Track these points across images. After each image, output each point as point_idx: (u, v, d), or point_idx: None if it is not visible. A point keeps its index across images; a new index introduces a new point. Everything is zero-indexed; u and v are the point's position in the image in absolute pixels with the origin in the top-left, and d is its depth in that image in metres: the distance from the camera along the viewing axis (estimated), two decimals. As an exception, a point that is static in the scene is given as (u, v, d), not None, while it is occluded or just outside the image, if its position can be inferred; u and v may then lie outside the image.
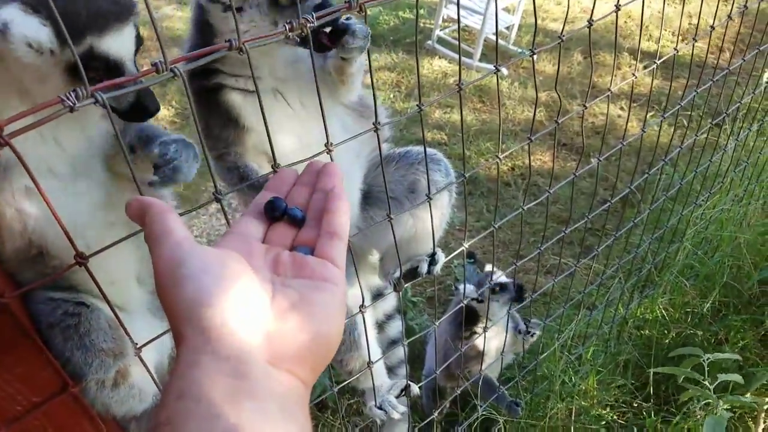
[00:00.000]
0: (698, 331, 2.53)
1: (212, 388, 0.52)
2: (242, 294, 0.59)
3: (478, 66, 5.32)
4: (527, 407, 2.36)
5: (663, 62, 1.67)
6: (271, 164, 0.93)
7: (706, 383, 1.83)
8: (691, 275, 2.79)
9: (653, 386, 2.35)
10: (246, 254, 0.66)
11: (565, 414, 2.30)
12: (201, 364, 0.54)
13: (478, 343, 2.11)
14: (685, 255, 2.78)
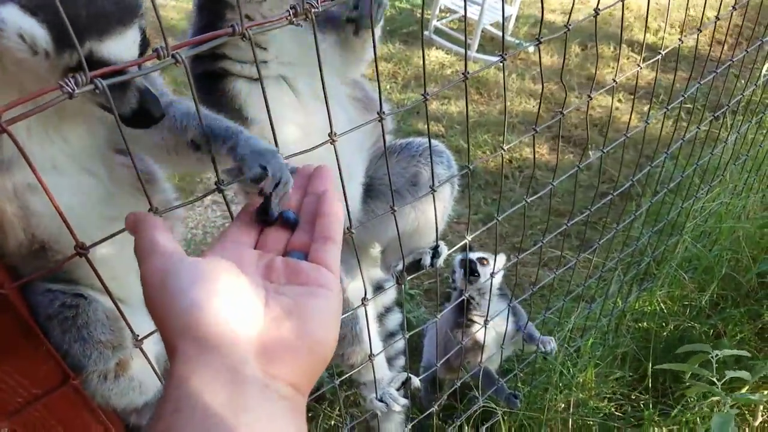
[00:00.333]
0: (696, 324, 2.53)
1: (208, 400, 0.52)
2: (235, 304, 0.59)
3: (476, 57, 5.30)
4: (526, 399, 2.36)
5: (662, 55, 1.66)
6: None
7: (715, 380, 1.82)
8: (690, 268, 2.80)
9: (651, 379, 2.36)
10: (238, 262, 0.65)
11: (564, 406, 2.31)
12: (195, 376, 0.53)
13: (477, 336, 2.10)
14: (684, 248, 2.79)
